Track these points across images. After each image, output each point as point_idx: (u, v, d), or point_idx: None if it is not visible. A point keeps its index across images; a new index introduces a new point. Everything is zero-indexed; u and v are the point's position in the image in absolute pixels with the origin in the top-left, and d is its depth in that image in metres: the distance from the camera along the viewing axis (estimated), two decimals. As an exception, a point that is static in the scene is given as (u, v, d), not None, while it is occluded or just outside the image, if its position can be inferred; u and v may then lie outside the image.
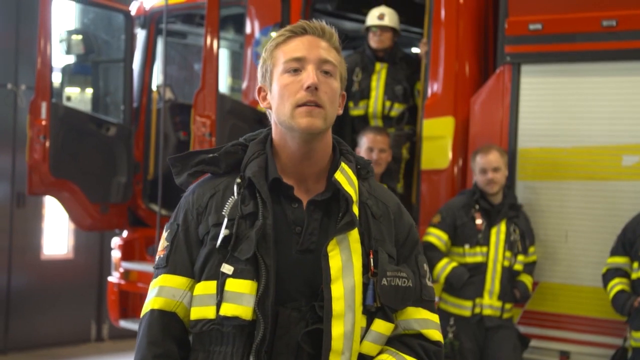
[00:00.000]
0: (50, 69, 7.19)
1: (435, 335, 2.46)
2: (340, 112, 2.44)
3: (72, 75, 8.14)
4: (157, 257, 2.46)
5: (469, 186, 6.06)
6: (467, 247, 5.71)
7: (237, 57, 9.43)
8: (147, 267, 7.67)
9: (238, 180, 2.38)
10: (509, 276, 5.70)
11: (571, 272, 5.83)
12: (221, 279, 2.30)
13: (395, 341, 2.42)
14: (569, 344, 5.81)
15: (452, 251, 5.77)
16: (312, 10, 7.19)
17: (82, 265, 10.38)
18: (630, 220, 5.42)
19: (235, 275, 2.30)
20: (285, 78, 2.36)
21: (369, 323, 2.37)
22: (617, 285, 5.37)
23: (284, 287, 2.32)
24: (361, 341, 2.35)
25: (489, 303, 5.64)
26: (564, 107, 5.89)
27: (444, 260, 5.71)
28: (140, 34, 8.22)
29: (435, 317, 2.49)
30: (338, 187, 2.37)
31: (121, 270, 8.07)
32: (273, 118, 2.43)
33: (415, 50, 8.15)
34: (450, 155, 6.27)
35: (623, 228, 5.43)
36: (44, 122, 7.06)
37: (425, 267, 2.53)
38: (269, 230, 2.32)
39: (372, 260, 2.37)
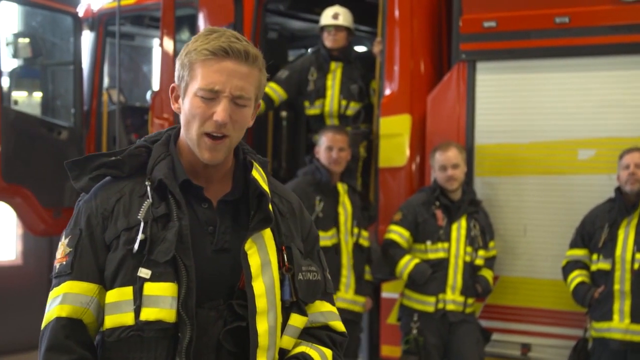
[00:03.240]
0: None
1: (340, 326, 2.55)
2: (251, 123, 2.44)
3: (19, 78, 7.98)
4: (57, 265, 2.38)
5: (427, 183, 6.12)
6: (428, 243, 5.76)
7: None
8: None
9: (148, 182, 2.36)
10: (471, 271, 5.76)
11: (531, 265, 5.92)
12: (138, 283, 2.27)
13: (303, 334, 2.48)
14: (530, 336, 5.91)
15: (414, 248, 5.82)
16: (264, 11, 7.18)
17: (31, 271, 10.20)
18: (589, 213, 5.53)
19: (153, 278, 2.27)
20: (197, 101, 2.32)
21: (286, 318, 2.42)
22: (577, 277, 5.46)
23: (201, 287, 2.31)
24: (281, 336, 2.40)
25: (452, 298, 5.70)
26: (519, 103, 5.98)
27: (407, 257, 5.76)
28: (89, 36, 8.13)
29: (336, 310, 2.57)
30: (253, 185, 2.39)
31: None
32: (182, 124, 2.41)
33: (364, 48, 8.18)
34: (407, 152, 6.32)
35: (581, 221, 5.54)
36: (-6, 127, 6.95)
37: (325, 260, 2.60)
38: (186, 231, 2.30)
39: (285, 256, 2.42)
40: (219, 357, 2.33)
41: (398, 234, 5.80)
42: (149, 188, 2.34)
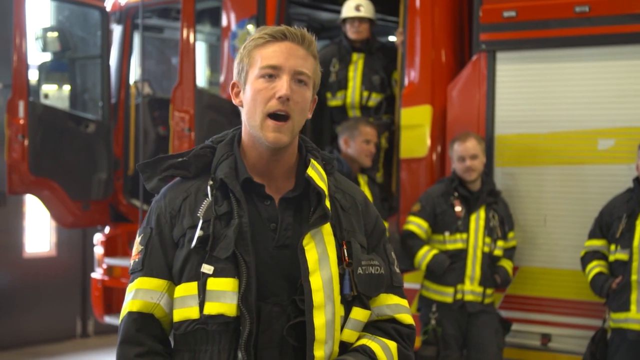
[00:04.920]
0: (27, 67, 7.19)
1: (408, 319, 2.56)
2: (310, 116, 2.50)
3: (49, 72, 8.09)
4: (131, 262, 2.50)
5: (447, 173, 6.11)
6: (447, 234, 5.76)
7: (217, 50, 9.43)
8: (130, 263, 7.68)
9: (210, 182, 2.43)
10: (489, 262, 5.76)
11: (550, 256, 5.90)
12: (202, 279, 2.35)
13: (370, 327, 2.51)
14: (550, 326, 5.88)
15: (432, 239, 5.83)
16: (287, 2, 7.20)
17: (65, 262, 10.37)
18: (607, 203, 5.49)
19: (215, 274, 2.35)
20: (259, 83, 2.41)
21: (347, 311, 2.45)
22: (595, 267, 5.44)
23: (264, 283, 2.38)
24: (341, 329, 2.43)
25: (470, 289, 5.70)
26: (539, 93, 5.94)
27: (425, 248, 5.77)
28: (117, 30, 8.21)
29: (405, 302, 2.58)
30: (311, 182, 2.43)
31: (104, 266, 8.09)
32: (243, 118, 2.48)
33: (391, 39, 8.18)
34: (428, 143, 6.32)
35: (600, 211, 5.50)
36: (22, 121, 7.06)
37: (393, 254, 2.62)
38: (246, 228, 2.37)
39: (345, 250, 2.45)
40: (282, 351, 2.39)
41: (416, 224, 5.81)
42: (209, 187, 2.42)
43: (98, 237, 8.24)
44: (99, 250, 8.19)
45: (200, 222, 2.38)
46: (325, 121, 7.28)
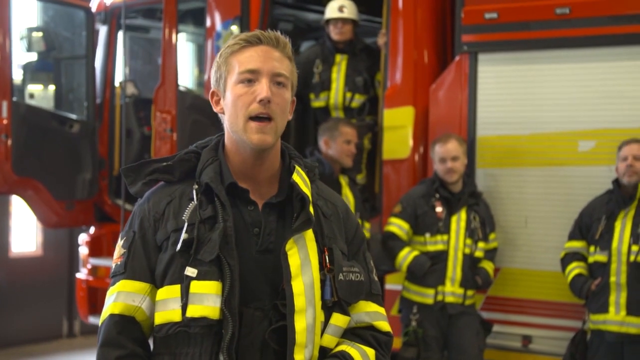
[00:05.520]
0: (10, 67, 7.18)
1: (385, 326, 2.59)
2: (290, 117, 2.52)
3: (34, 72, 8.09)
4: (113, 265, 2.51)
5: (430, 174, 6.12)
6: (428, 235, 5.76)
7: (203, 50, 9.42)
8: (112, 266, 7.67)
9: (196, 186, 2.45)
10: (470, 263, 5.76)
11: (531, 257, 5.91)
12: (185, 281, 2.37)
13: (348, 334, 2.53)
14: (531, 328, 5.90)
15: (413, 240, 5.83)
16: (272, 3, 7.20)
17: (51, 262, 10.35)
18: (587, 205, 5.51)
19: (199, 277, 2.36)
20: (239, 88, 2.43)
21: (327, 317, 2.47)
22: (574, 269, 5.45)
23: (246, 287, 2.39)
24: (321, 335, 2.45)
25: (451, 290, 5.71)
26: (521, 95, 5.96)
27: (406, 249, 5.77)
28: (102, 30, 8.20)
29: (383, 310, 2.61)
30: (295, 188, 2.45)
31: (89, 266, 8.09)
32: (226, 125, 2.50)
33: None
34: (410, 144, 6.32)
35: (580, 213, 5.52)
36: (5, 121, 7.04)
37: (372, 263, 2.65)
38: (230, 232, 2.39)
39: (327, 257, 2.47)
40: (264, 355, 2.40)
41: (397, 226, 5.82)
42: (194, 191, 2.44)
43: (83, 237, 8.23)
44: (83, 251, 8.18)
45: (186, 225, 2.39)
46: (308, 122, 7.28)
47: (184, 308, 2.35)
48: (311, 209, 2.46)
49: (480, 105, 6.06)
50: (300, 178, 2.49)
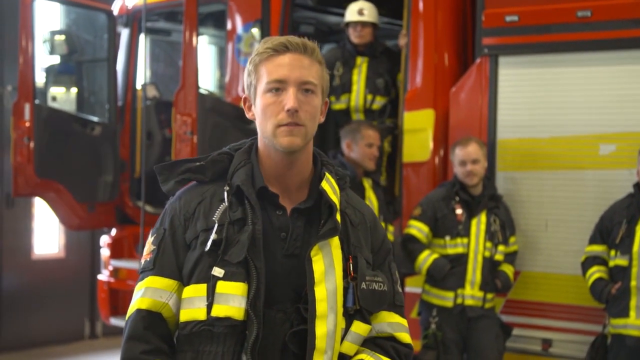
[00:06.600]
0: (33, 70, 7.24)
1: (407, 338, 2.60)
2: (322, 119, 2.53)
3: (56, 75, 8.15)
4: (142, 261, 2.53)
5: (450, 177, 6.11)
6: (447, 238, 5.76)
7: (223, 53, 9.45)
8: (136, 265, 7.69)
9: (227, 187, 2.47)
10: (490, 266, 5.75)
11: (551, 261, 5.88)
12: (212, 281, 2.39)
13: (369, 343, 2.55)
14: (551, 331, 5.87)
15: (433, 243, 5.82)
16: (292, 6, 7.22)
17: (73, 264, 10.42)
18: (608, 208, 5.47)
19: (226, 277, 2.39)
20: (267, 97, 2.44)
21: (348, 324, 2.49)
22: (595, 273, 5.42)
23: (270, 289, 2.41)
24: (341, 341, 2.47)
25: (471, 293, 5.70)
26: (541, 98, 5.93)
27: (426, 252, 5.77)
28: (124, 33, 8.25)
29: (405, 322, 2.63)
30: (323, 195, 2.47)
31: (110, 268, 8.13)
32: (258, 129, 2.52)
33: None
34: (431, 147, 6.32)
35: (600, 217, 5.49)
36: (27, 124, 7.10)
37: (397, 274, 2.66)
38: (259, 235, 2.41)
39: (351, 265, 2.49)
40: (283, 357, 2.43)
41: (417, 229, 5.82)
42: (225, 193, 2.46)
43: (104, 239, 8.28)
44: (105, 252, 8.23)
45: (216, 225, 2.41)
46: (329, 125, 7.29)
47: (209, 307, 2.38)
48: (338, 217, 2.48)
49: (501, 108, 6.05)
50: (329, 185, 2.50)
